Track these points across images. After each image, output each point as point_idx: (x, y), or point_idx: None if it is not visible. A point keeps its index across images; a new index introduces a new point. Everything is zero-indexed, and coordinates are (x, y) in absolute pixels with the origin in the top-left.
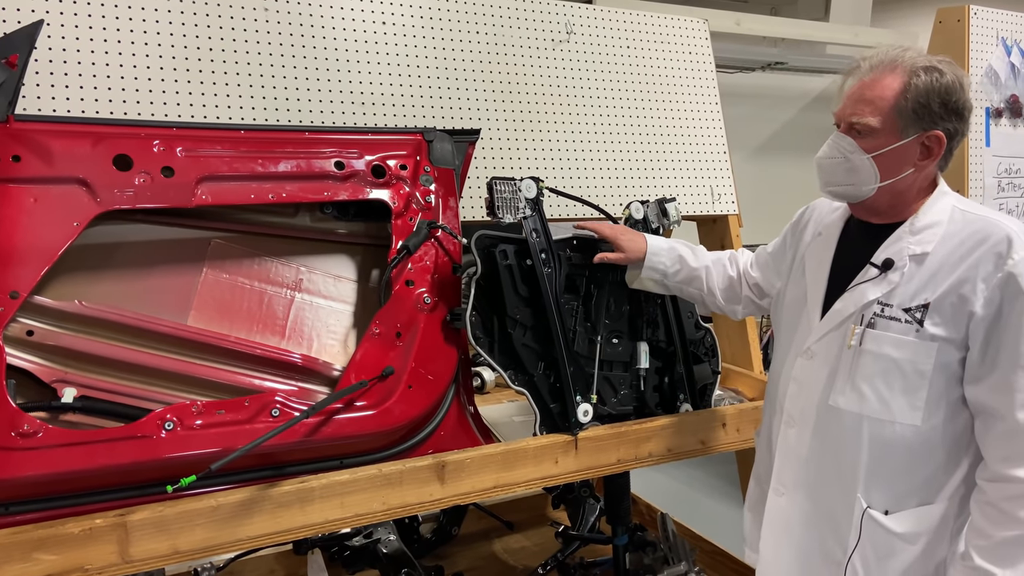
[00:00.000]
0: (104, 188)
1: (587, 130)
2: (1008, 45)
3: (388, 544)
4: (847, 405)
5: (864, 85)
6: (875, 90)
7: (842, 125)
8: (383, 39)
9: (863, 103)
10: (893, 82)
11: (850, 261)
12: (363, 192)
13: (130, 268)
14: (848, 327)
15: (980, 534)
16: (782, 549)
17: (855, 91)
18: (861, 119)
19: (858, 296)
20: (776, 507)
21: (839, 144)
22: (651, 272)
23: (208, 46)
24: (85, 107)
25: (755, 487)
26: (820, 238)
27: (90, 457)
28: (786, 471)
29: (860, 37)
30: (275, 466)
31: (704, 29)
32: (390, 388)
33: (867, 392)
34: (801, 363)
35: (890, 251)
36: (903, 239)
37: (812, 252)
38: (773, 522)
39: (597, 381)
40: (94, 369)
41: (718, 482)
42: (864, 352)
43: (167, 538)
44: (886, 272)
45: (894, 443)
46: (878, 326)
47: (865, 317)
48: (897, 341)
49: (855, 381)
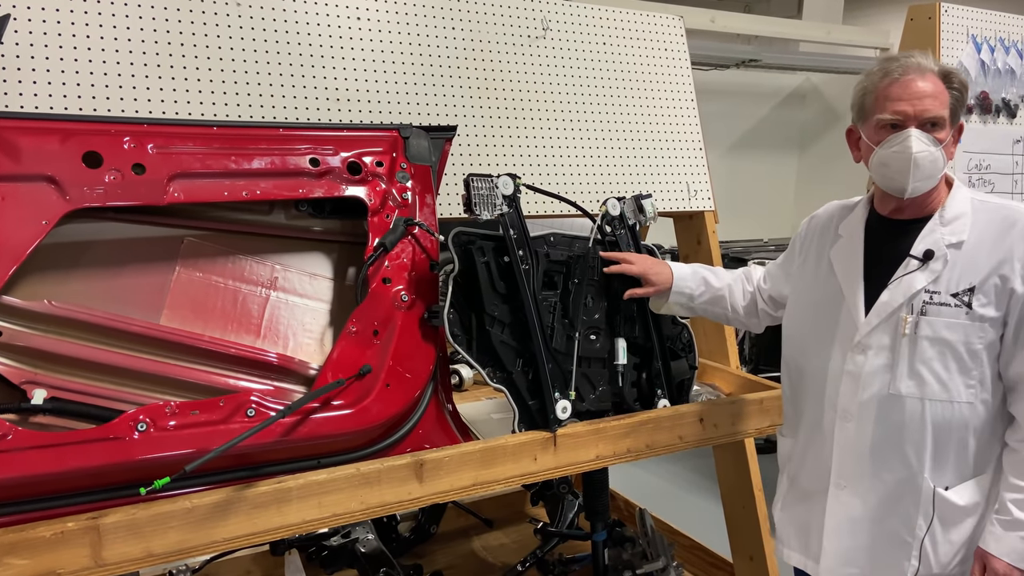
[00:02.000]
0: (73, 186)
1: (564, 127)
2: (978, 42)
3: (366, 543)
4: (909, 391)
5: (921, 82)
6: (938, 85)
7: (912, 122)
8: (358, 35)
9: (930, 98)
10: (935, 79)
11: (882, 257)
12: (339, 189)
13: (101, 267)
14: (899, 317)
15: (1015, 488)
16: (848, 541)
17: (915, 89)
18: (937, 112)
19: (905, 287)
20: (839, 501)
21: (922, 139)
22: (678, 297)
23: (180, 41)
24: (54, 103)
25: (790, 488)
26: (844, 240)
27: (61, 459)
28: (847, 465)
29: (832, 35)
30: (251, 467)
31: (680, 26)
32: (367, 387)
33: (927, 376)
34: (853, 357)
35: (927, 242)
36: (936, 231)
37: (839, 253)
38: (837, 516)
39: (575, 378)
40: (65, 370)
41: (696, 476)
42: (920, 338)
43: (140, 541)
44: (927, 262)
45: (953, 422)
46: (929, 312)
47: (915, 306)
48: (950, 324)
49: (915, 367)
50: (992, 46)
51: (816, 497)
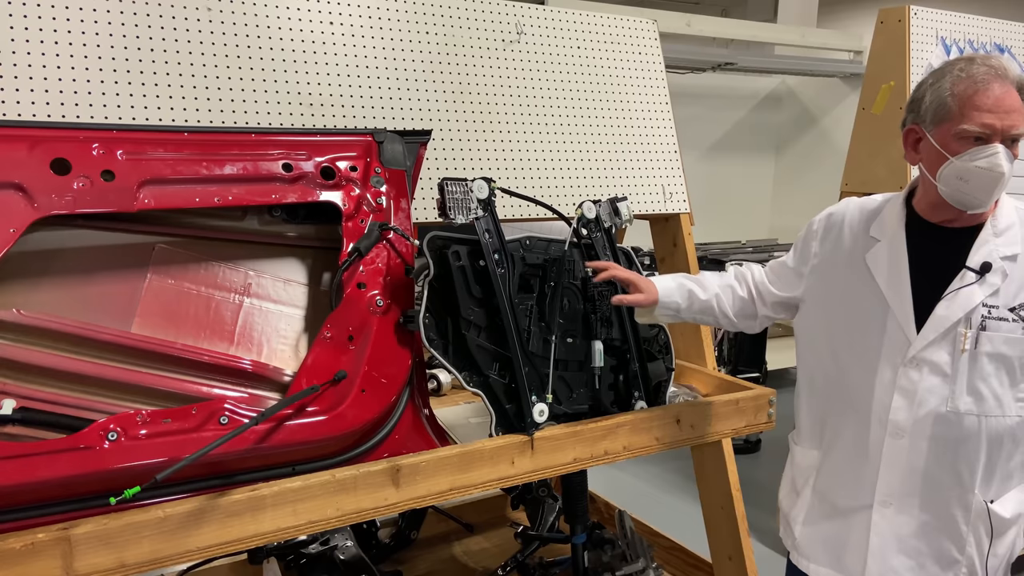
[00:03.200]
0: (42, 193)
1: (539, 130)
2: (947, 44)
3: (345, 551)
4: (968, 408)
5: (1004, 95)
6: (1015, 99)
7: (997, 137)
8: (331, 39)
9: (1016, 113)
10: (1014, 90)
11: (928, 266)
12: (312, 194)
13: (71, 275)
14: (957, 332)
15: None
16: (894, 560)
17: (1004, 102)
18: (1021, 129)
19: (964, 301)
20: (884, 519)
21: (1010, 160)
22: (664, 310)
23: (150, 46)
24: (21, 110)
25: (817, 502)
26: (883, 244)
27: (31, 470)
28: (894, 482)
29: (807, 38)
30: (225, 475)
31: (653, 29)
32: (343, 392)
33: (985, 392)
34: (906, 373)
35: (983, 254)
36: (990, 242)
37: (878, 259)
38: (882, 534)
39: (552, 381)
40: (34, 379)
41: (675, 478)
42: (980, 354)
43: (113, 551)
44: (984, 275)
45: (1004, 436)
46: (989, 328)
47: (974, 321)
48: (1009, 340)
49: (974, 383)
50: (961, 48)
51: (854, 515)
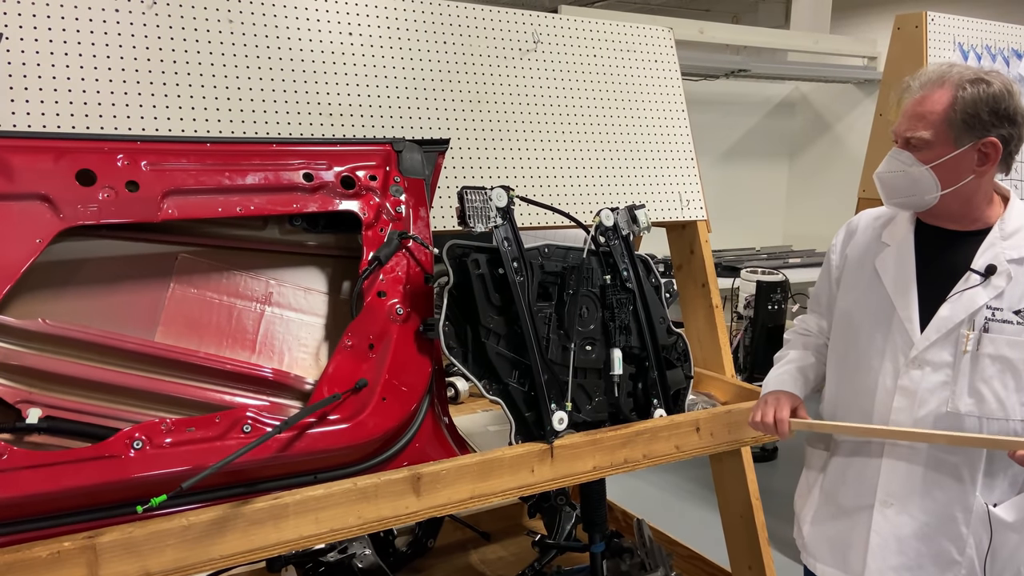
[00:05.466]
0: (67, 204)
1: (556, 138)
2: (965, 50)
3: (363, 559)
4: (968, 409)
5: (916, 102)
6: (925, 105)
7: (899, 141)
8: (351, 50)
9: (916, 118)
10: (942, 96)
11: (934, 269)
12: (332, 204)
13: (95, 285)
14: (960, 333)
15: None
16: (894, 560)
17: (908, 108)
18: (915, 133)
19: (967, 302)
20: (885, 519)
21: (897, 158)
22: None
23: (172, 58)
24: (47, 122)
25: (824, 503)
26: (892, 249)
27: (57, 479)
28: (895, 482)
29: (820, 44)
30: (248, 483)
31: (669, 37)
32: (363, 401)
33: (986, 394)
34: (908, 373)
35: (988, 256)
36: (996, 244)
37: (886, 263)
38: (883, 534)
39: (571, 389)
40: (59, 388)
41: (694, 486)
42: (982, 356)
43: (137, 559)
44: (989, 277)
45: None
46: (992, 330)
47: (977, 322)
48: (1012, 342)
49: (975, 385)
50: (979, 54)
51: (857, 514)
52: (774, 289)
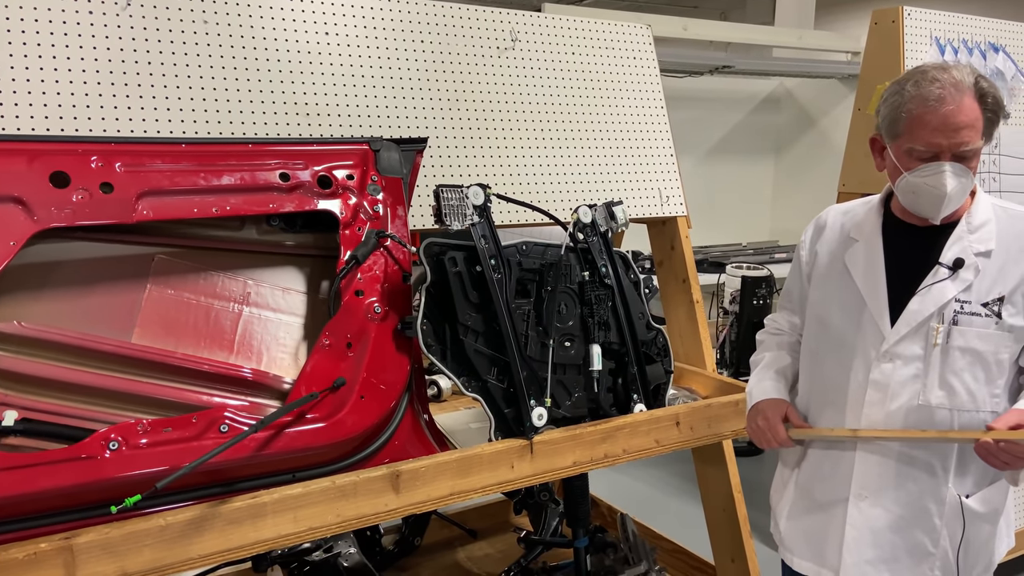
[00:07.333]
0: (41, 206)
1: (534, 136)
2: (942, 44)
3: (349, 558)
4: (939, 402)
5: (950, 113)
6: (966, 114)
7: (945, 155)
8: (327, 48)
9: (965, 129)
10: (971, 101)
11: (903, 263)
12: (310, 203)
13: (71, 287)
14: (929, 327)
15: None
16: (869, 552)
17: (945, 121)
18: (973, 144)
19: (936, 296)
20: (860, 512)
21: (958, 175)
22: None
23: (147, 59)
24: (20, 124)
25: (799, 497)
26: (861, 244)
27: (33, 480)
28: (869, 475)
29: (804, 40)
30: (226, 483)
31: (648, 35)
32: (342, 399)
33: (957, 387)
34: (879, 366)
35: (956, 250)
36: (964, 238)
37: (856, 258)
38: (857, 527)
39: (551, 385)
40: (36, 391)
41: (677, 481)
42: (952, 349)
43: (115, 560)
44: (957, 271)
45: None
46: (961, 322)
47: (946, 315)
48: (981, 335)
49: (945, 377)
50: (955, 48)
51: (832, 508)
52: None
